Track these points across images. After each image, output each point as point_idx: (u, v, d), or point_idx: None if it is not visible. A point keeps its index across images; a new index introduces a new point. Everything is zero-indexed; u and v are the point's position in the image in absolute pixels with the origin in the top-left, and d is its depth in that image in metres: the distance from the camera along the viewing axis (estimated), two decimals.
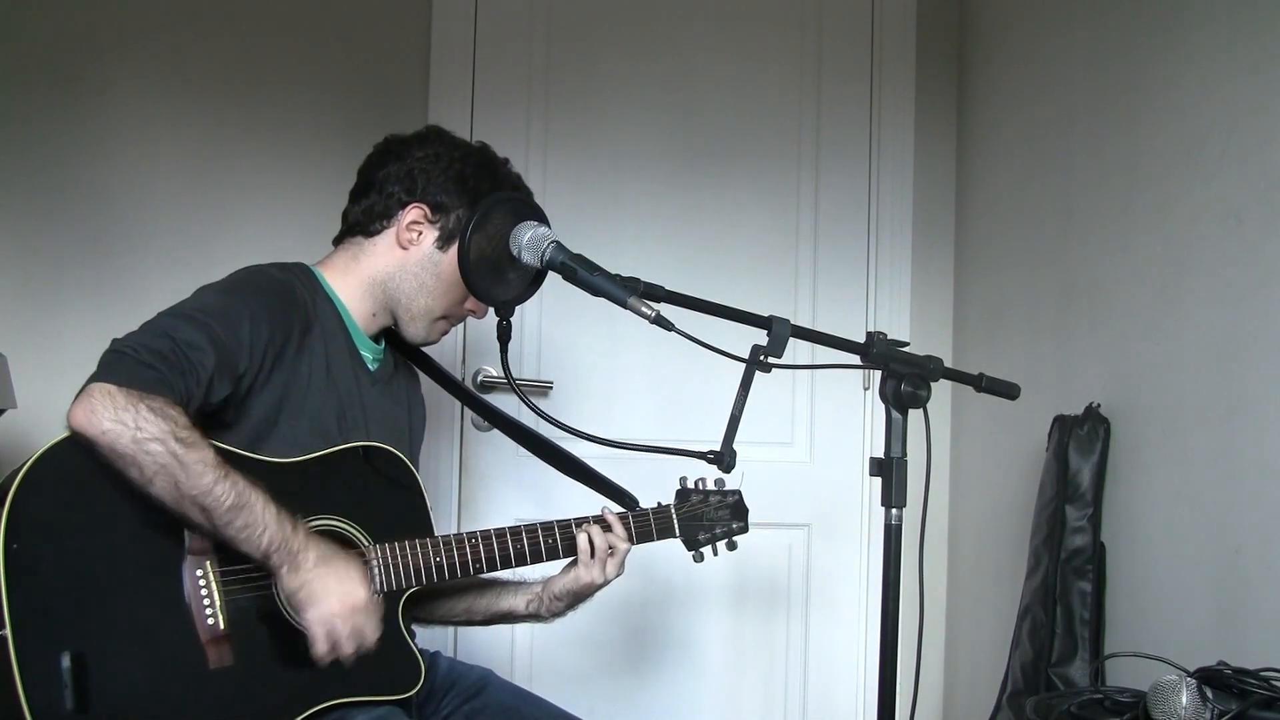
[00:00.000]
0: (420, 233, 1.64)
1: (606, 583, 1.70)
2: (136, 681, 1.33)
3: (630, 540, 1.70)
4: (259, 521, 1.36)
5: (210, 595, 1.38)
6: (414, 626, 1.70)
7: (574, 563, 1.70)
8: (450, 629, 2.56)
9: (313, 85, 2.58)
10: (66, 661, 1.28)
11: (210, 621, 1.38)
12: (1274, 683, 1.34)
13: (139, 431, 1.30)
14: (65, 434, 1.34)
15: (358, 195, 1.68)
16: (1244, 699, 1.31)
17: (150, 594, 1.36)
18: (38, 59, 2.48)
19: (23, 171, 2.46)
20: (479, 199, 1.62)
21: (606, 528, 1.69)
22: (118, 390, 1.31)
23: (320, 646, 1.40)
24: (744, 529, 1.81)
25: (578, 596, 1.71)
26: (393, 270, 1.65)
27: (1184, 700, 1.29)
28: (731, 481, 1.79)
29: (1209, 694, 1.30)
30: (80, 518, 1.34)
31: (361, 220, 1.66)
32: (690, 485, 1.80)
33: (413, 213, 1.64)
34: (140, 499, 1.35)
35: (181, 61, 2.55)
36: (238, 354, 1.45)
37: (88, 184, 2.49)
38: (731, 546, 1.81)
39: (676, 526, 1.75)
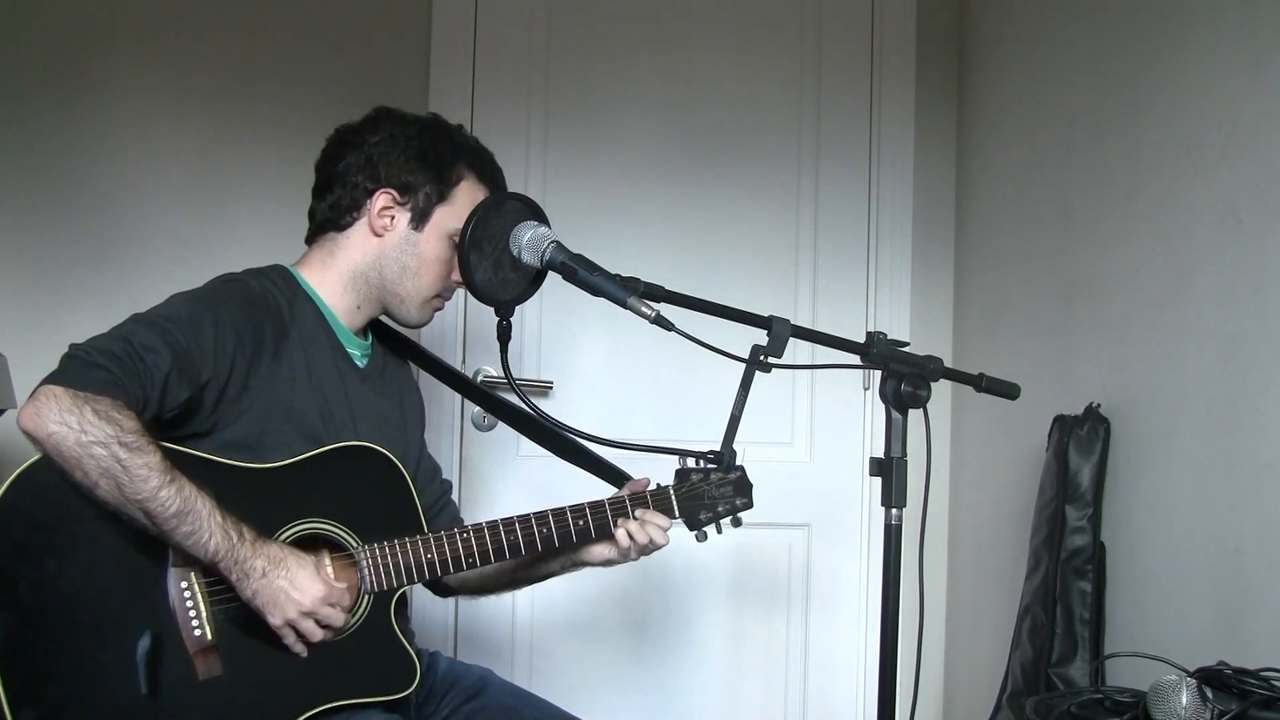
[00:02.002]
0: (393, 217, 1.64)
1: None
2: (123, 700, 1.32)
3: (670, 516, 1.68)
4: (204, 529, 1.34)
5: (196, 606, 1.37)
6: (462, 599, 1.68)
7: (601, 546, 1.68)
8: (450, 629, 2.56)
9: (313, 85, 2.58)
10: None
11: (197, 633, 1.37)
12: (1274, 683, 1.34)
13: (83, 434, 1.29)
14: (40, 455, 1.32)
15: (322, 191, 1.67)
16: (1244, 699, 1.31)
17: (135, 608, 1.36)
18: (38, 59, 2.48)
19: (23, 171, 2.46)
20: (443, 170, 1.64)
21: (642, 520, 1.65)
22: (64, 392, 1.31)
23: (286, 639, 1.42)
24: (748, 504, 1.74)
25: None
26: (372, 259, 1.65)
27: (1184, 700, 1.30)
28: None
29: (1209, 694, 1.30)
30: (60, 536, 1.33)
31: (330, 216, 1.66)
32: (690, 464, 1.72)
33: (381, 199, 1.63)
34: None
35: (182, 62, 2.55)
36: (199, 360, 1.43)
37: (88, 184, 2.49)
38: (736, 523, 1.74)
39: (675, 507, 1.69)
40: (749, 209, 2.72)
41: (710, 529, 1.73)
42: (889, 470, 1.44)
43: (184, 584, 1.38)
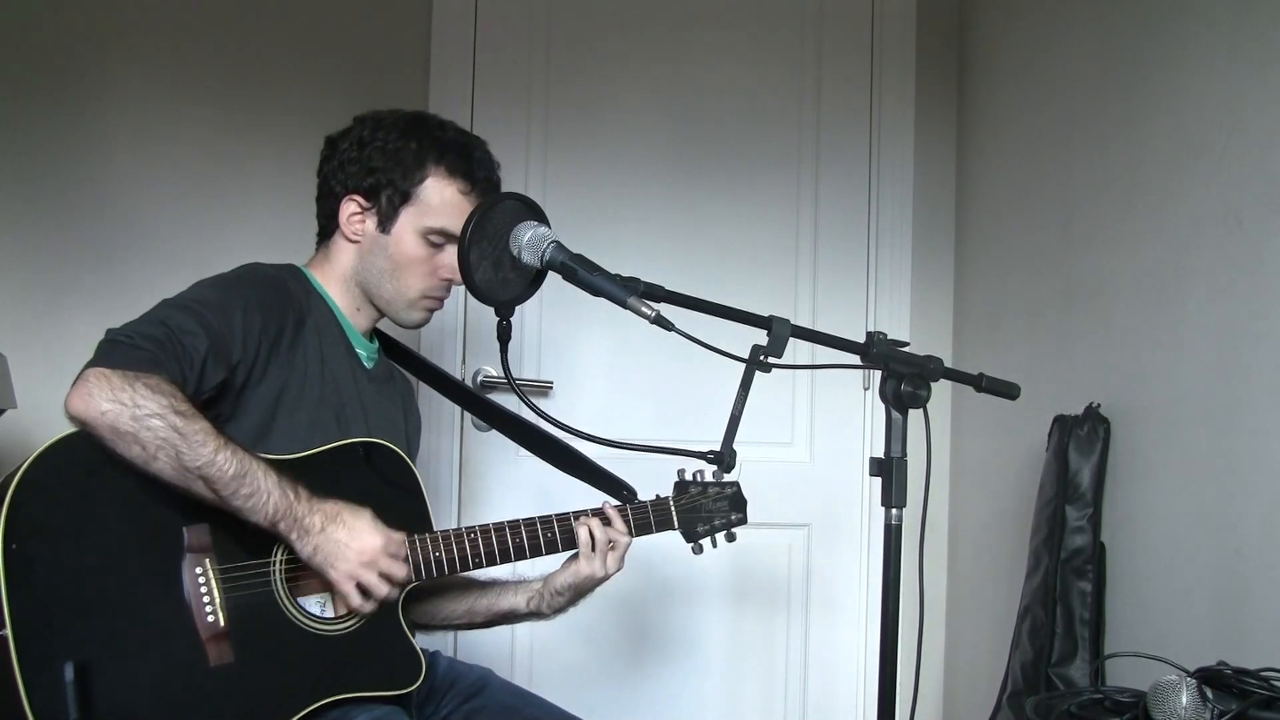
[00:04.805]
0: (363, 222, 1.66)
1: (607, 577, 1.69)
2: (138, 680, 1.33)
3: (630, 534, 1.70)
4: (263, 489, 1.37)
5: (210, 593, 1.38)
6: (416, 633, 1.70)
7: (574, 557, 1.69)
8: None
9: (313, 87, 2.58)
10: (70, 674, 1.28)
11: (210, 619, 1.38)
12: (1274, 683, 1.34)
13: (137, 409, 1.31)
14: (62, 434, 1.34)
15: (317, 199, 1.72)
16: (1244, 699, 1.31)
17: (150, 592, 1.36)
18: (39, 61, 2.48)
19: (24, 172, 2.46)
20: (406, 170, 1.64)
21: (606, 521, 1.69)
22: (112, 373, 1.33)
23: (353, 600, 1.44)
24: (743, 520, 1.80)
25: (579, 590, 1.71)
26: (355, 264, 1.68)
27: (1184, 700, 1.29)
28: (730, 474, 1.79)
29: (1209, 694, 1.30)
30: (79, 517, 1.34)
31: (322, 223, 1.71)
32: (689, 478, 1.79)
33: (349, 206, 1.66)
34: (139, 498, 1.35)
35: (182, 64, 2.55)
36: (231, 342, 1.46)
37: (89, 184, 2.49)
38: (730, 538, 1.79)
39: (675, 519, 1.74)
40: (749, 209, 2.72)
41: (706, 542, 1.77)
42: (889, 470, 1.44)
43: (199, 570, 1.38)
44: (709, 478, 1.80)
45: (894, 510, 1.44)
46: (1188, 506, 1.78)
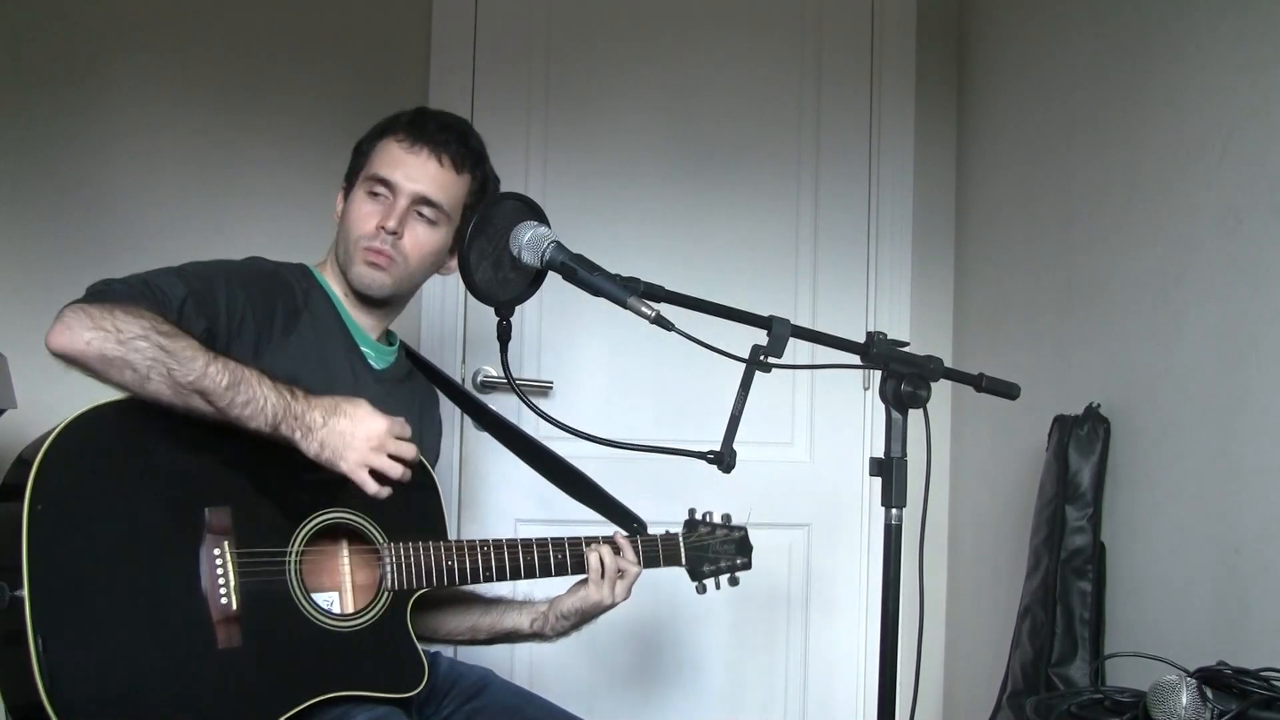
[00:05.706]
0: (339, 203, 1.71)
1: (614, 604, 1.72)
2: (144, 653, 1.33)
3: (640, 564, 1.72)
4: (259, 394, 1.37)
5: (225, 575, 1.38)
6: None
7: (583, 581, 1.71)
8: None
9: (313, 87, 2.58)
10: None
11: (224, 601, 1.38)
12: (1274, 683, 1.34)
13: (120, 333, 1.32)
14: (97, 403, 1.35)
15: None
16: (1244, 699, 1.31)
17: (167, 568, 1.37)
18: (39, 62, 2.48)
19: (24, 172, 2.46)
20: (370, 140, 1.68)
21: (617, 549, 1.71)
22: (89, 305, 1.35)
23: (370, 488, 1.42)
24: (747, 565, 1.84)
25: (585, 616, 1.73)
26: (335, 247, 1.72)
27: (1184, 700, 1.30)
28: (738, 515, 1.84)
29: (1209, 694, 1.30)
30: (105, 487, 1.35)
31: None
32: (699, 517, 1.82)
33: (337, 197, 1.72)
34: (164, 474, 1.37)
35: (183, 65, 2.55)
36: (212, 304, 1.48)
37: (89, 185, 2.49)
38: (734, 582, 1.83)
39: (683, 555, 1.78)
40: (749, 209, 2.72)
41: (710, 583, 1.81)
42: (889, 470, 1.44)
43: (216, 552, 1.38)
44: (717, 519, 1.84)
45: (894, 510, 1.44)
46: (1188, 506, 1.78)
